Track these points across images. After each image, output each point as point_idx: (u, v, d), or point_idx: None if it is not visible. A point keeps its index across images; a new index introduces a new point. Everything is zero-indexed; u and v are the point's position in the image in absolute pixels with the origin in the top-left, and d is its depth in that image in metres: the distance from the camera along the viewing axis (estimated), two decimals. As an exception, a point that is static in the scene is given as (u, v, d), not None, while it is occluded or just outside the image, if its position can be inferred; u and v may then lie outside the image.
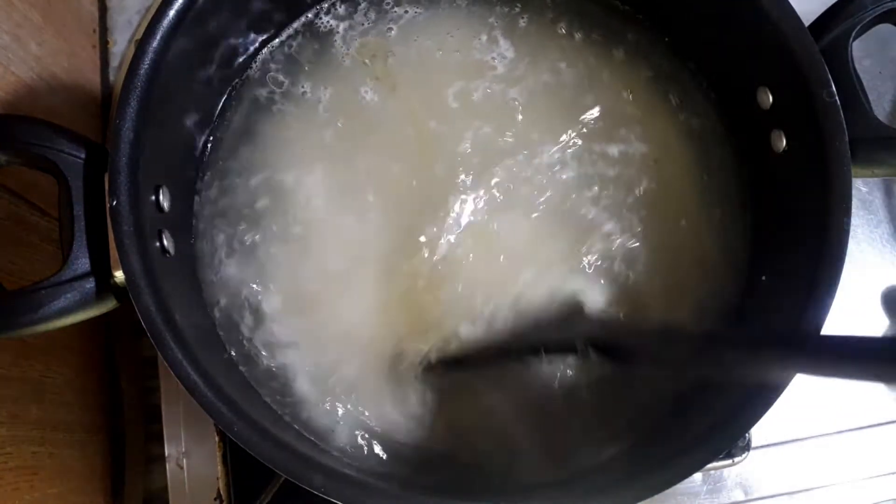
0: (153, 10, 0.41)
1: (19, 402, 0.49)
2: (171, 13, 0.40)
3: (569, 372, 0.44)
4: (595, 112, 0.48)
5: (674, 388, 0.44)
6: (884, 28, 0.42)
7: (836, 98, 0.38)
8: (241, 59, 0.49)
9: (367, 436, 0.43)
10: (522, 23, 0.50)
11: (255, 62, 0.50)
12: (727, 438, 0.35)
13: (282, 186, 0.47)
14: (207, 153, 0.48)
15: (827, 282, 0.37)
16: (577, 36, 0.50)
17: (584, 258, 0.45)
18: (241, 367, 0.44)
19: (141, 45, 0.39)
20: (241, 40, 0.47)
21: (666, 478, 0.35)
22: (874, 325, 0.61)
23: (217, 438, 0.54)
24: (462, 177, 0.46)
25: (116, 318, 0.62)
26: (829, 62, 0.39)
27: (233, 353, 0.44)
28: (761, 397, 0.35)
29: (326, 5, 0.50)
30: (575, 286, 0.44)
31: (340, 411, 0.43)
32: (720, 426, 0.35)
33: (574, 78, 0.49)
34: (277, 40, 0.50)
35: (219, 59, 0.46)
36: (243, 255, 0.46)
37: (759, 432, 0.58)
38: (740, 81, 0.44)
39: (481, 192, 0.46)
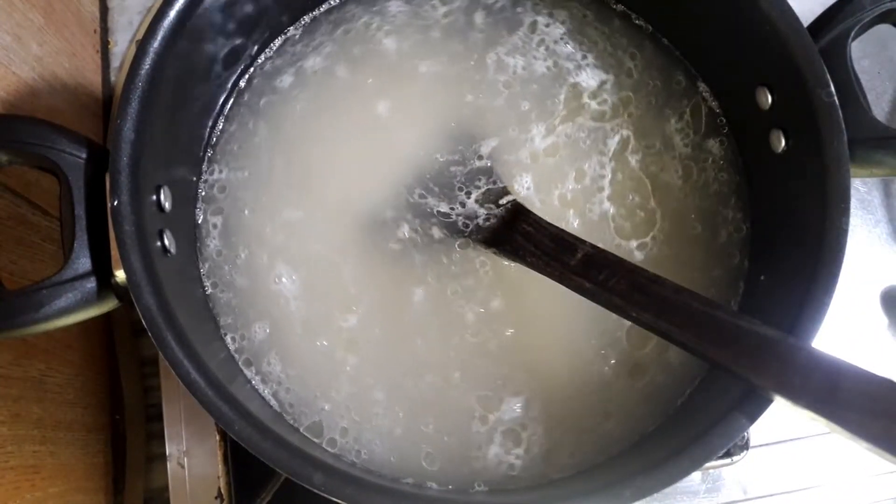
0: (154, 11, 0.41)
1: (20, 402, 0.49)
2: (172, 14, 0.40)
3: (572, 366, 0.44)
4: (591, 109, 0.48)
5: (673, 388, 0.44)
6: (882, 28, 0.42)
7: (835, 98, 0.38)
8: (243, 59, 0.49)
9: (368, 434, 0.43)
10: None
11: (258, 61, 0.50)
12: (725, 437, 0.35)
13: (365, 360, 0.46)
14: (209, 152, 0.48)
15: (825, 282, 0.37)
16: (567, 36, 0.50)
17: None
18: (242, 366, 0.44)
19: (142, 45, 0.40)
20: (243, 40, 0.47)
21: (665, 476, 0.35)
22: (873, 324, 0.61)
23: (218, 437, 0.54)
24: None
25: (117, 317, 0.62)
26: (828, 62, 0.39)
27: (234, 352, 0.44)
28: (760, 396, 0.35)
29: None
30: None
31: (343, 409, 0.43)
32: (718, 425, 0.35)
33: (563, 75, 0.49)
34: (280, 39, 0.50)
35: (221, 59, 0.46)
36: (295, 358, 0.45)
37: (758, 431, 0.58)
38: (739, 81, 0.44)
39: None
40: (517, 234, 0.43)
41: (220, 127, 0.49)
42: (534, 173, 0.47)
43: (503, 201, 0.45)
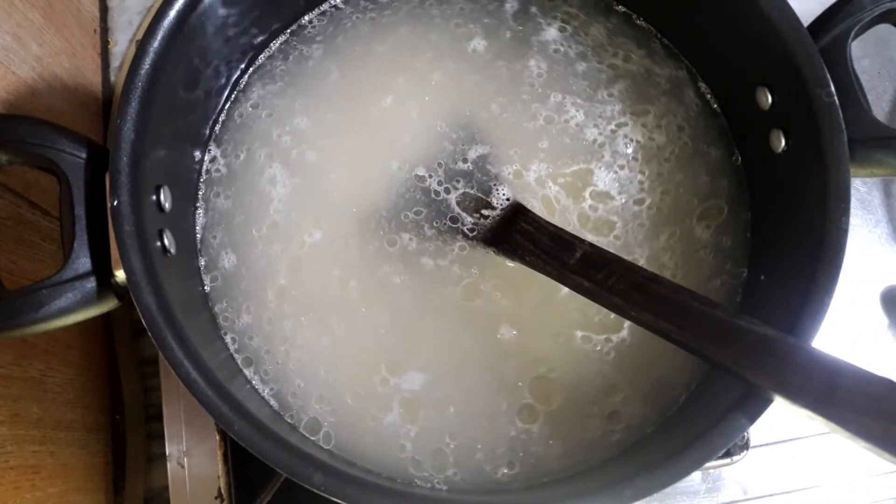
0: (154, 11, 0.41)
1: (20, 402, 0.49)
2: (172, 13, 0.40)
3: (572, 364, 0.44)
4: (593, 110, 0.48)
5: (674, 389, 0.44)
6: (882, 28, 0.42)
7: (835, 98, 0.38)
8: (243, 59, 0.49)
9: (367, 433, 0.43)
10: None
11: (258, 61, 0.50)
12: (725, 437, 0.35)
13: (295, 282, 0.46)
14: (209, 152, 0.48)
15: (825, 282, 0.37)
16: (568, 35, 0.50)
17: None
18: (242, 366, 0.44)
19: (141, 45, 0.40)
20: (243, 40, 0.48)
21: (665, 476, 0.35)
22: (873, 324, 0.61)
23: (218, 437, 0.54)
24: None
25: (117, 317, 0.62)
26: (828, 62, 0.39)
27: (234, 352, 0.44)
28: (760, 396, 0.35)
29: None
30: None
31: (343, 409, 0.43)
32: (718, 425, 0.35)
33: (479, 76, 0.49)
34: (280, 40, 0.50)
35: (220, 59, 0.46)
36: (245, 253, 0.46)
37: (758, 431, 0.58)
38: (739, 81, 0.44)
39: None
40: (516, 233, 0.43)
41: (220, 124, 0.49)
42: (511, 188, 0.47)
43: (486, 212, 0.46)
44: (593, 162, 0.47)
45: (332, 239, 0.46)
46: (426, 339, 0.44)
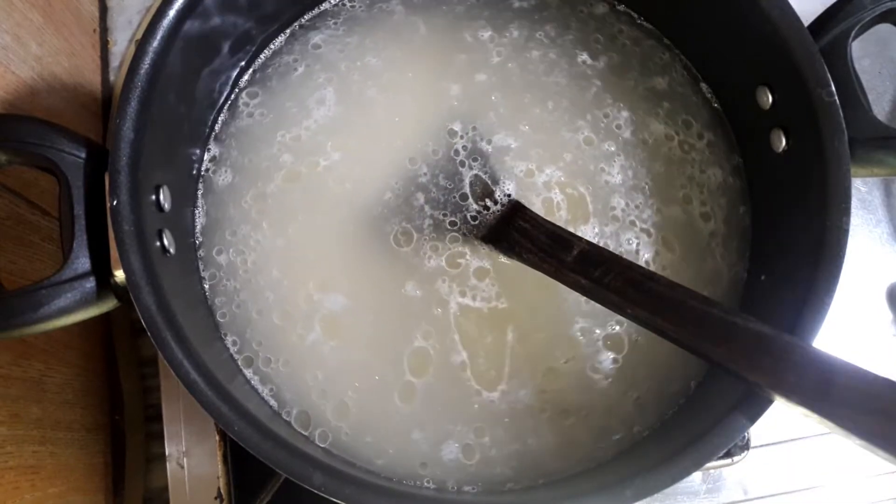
0: (153, 10, 0.41)
1: (20, 402, 0.49)
2: (172, 13, 0.40)
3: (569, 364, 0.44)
4: (591, 109, 0.48)
5: (674, 387, 0.44)
6: (883, 28, 0.42)
7: (836, 98, 0.38)
8: (242, 59, 0.49)
9: (369, 433, 0.43)
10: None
11: (258, 61, 0.50)
12: (726, 437, 0.35)
13: (280, 190, 0.47)
14: (208, 152, 0.48)
15: (826, 282, 0.37)
16: (570, 36, 0.50)
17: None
18: (241, 366, 0.44)
19: (141, 45, 0.39)
20: (242, 40, 0.47)
21: (666, 477, 0.35)
22: (875, 325, 0.61)
23: (217, 437, 0.54)
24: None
25: (117, 317, 0.62)
26: (829, 62, 0.39)
27: (233, 352, 0.44)
28: (760, 396, 0.35)
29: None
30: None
31: (342, 408, 0.43)
32: (719, 425, 0.35)
33: (566, 78, 0.49)
34: (281, 38, 0.50)
35: (220, 59, 0.46)
36: (244, 253, 0.46)
37: (758, 431, 0.58)
38: (740, 81, 0.44)
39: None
40: (514, 231, 0.43)
41: (220, 124, 0.49)
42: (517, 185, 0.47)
43: (489, 203, 0.46)
44: (594, 217, 0.46)
45: (348, 161, 0.47)
46: (353, 258, 0.45)
